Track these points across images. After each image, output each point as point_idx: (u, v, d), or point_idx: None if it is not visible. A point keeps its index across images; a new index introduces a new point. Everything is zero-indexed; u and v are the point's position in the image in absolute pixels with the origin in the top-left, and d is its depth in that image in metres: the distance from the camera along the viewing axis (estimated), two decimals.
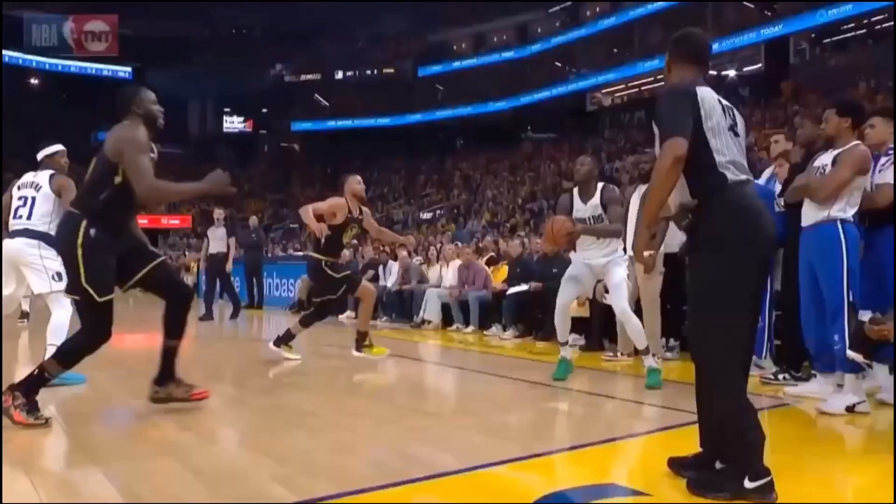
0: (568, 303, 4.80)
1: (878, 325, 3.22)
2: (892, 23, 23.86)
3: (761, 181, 4.83)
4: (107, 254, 3.27)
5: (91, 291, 3.21)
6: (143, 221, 34.76)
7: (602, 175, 10.15)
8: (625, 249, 4.89)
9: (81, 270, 3.19)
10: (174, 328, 3.61)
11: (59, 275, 4.23)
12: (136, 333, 7.87)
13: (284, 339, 5.72)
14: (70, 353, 3.34)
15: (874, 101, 18.28)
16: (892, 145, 3.83)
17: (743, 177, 2.29)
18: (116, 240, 3.32)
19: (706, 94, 2.31)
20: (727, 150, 2.28)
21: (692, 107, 2.26)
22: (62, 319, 4.34)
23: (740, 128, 2.41)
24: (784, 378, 4.37)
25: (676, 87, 2.35)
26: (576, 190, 4.79)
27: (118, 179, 3.28)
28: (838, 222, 3.60)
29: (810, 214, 3.73)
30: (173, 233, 34.03)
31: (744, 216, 2.24)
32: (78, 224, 3.22)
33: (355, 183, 5.53)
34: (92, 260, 3.21)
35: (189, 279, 16.81)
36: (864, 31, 24.58)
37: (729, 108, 2.38)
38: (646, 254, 2.48)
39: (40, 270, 4.36)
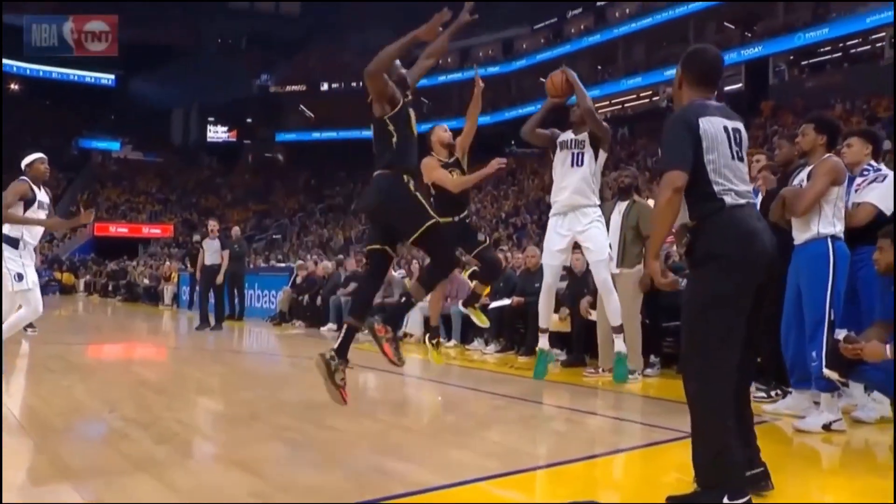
0: (554, 283, 4.76)
1: (851, 344, 3.26)
2: (867, 47, 24.51)
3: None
4: None
5: (437, 219, 3.45)
6: (122, 230, 34.46)
7: None
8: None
9: (426, 206, 3.48)
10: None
11: (19, 276, 4.55)
12: (113, 343, 7.75)
13: (471, 301, 5.09)
14: (431, 281, 3.62)
15: (849, 122, 18.71)
16: (867, 166, 3.90)
17: (742, 201, 2.33)
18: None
19: (710, 125, 2.34)
20: (727, 181, 2.32)
21: (693, 139, 2.31)
22: (24, 316, 4.65)
23: (744, 148, 2.44)
24: (776, 394, 4.33)
25: (680, 118, 2.38)
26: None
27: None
28: (828, 239, 3.60)
29: (800, 233, 3.73)
30: (154, 242, 33.65)
31: (740, 237, 2.28)
32: (402, 178, 3.50)
33: (441, 131, 5.19)
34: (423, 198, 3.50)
35: (169, 289, 16.63)
36: (840, 54, 25.16)
37: (735, 131, 2.40)
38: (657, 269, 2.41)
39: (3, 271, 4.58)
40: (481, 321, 5.15)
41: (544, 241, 4.81)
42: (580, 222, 4.63)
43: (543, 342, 4.78)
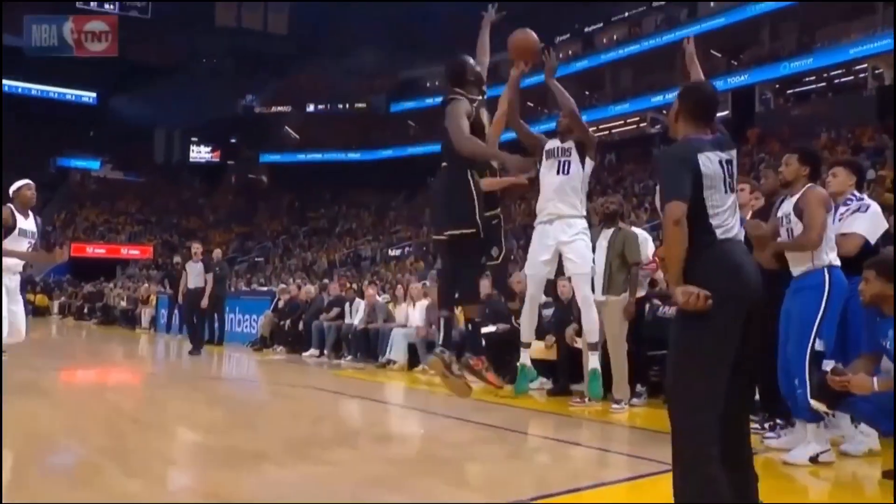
0: (537, 294, 4.69)
1: (838, 375, 3.28)
2: (850, 78, 25.12)
3: None
4: None
5: (481, 225, 3.46)
6: (100, 251, 34.10)
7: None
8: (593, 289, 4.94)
9: (477, 207, 3.47)
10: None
11: None
12: (87, 369, 7.62)
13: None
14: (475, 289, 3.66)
15: (834, 151, 19.08)
16: (850, 195, 3.97)
17: (731, 234, 2.40)
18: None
19: (708, 162, 2.40)
20: (719, 214, 2.39)
21: (692, 174, 2.37)
22: None
23: (735, 177, 2.51)
24: (768, 425, 4.30)
25: (678, 154, 2.44)
26: None
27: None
28: (825, 269, 3.61)
29: (797, 265, 3.72)
30: (133, 263, 33.31)
31: (728, 271, 2.33)
32: (466, 171, 3.51)
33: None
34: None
35: (147, 312, 16.43)
36: (825, 83, 25.75)
37: (728, 163, 2.46)
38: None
39: None
40: None
41: (529, 252, 4.75)
42: (566, 233, 4.55)
43: (525, 357, 4.69)
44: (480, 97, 3.73)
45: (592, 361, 4.51)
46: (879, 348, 3.41)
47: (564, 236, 4.52)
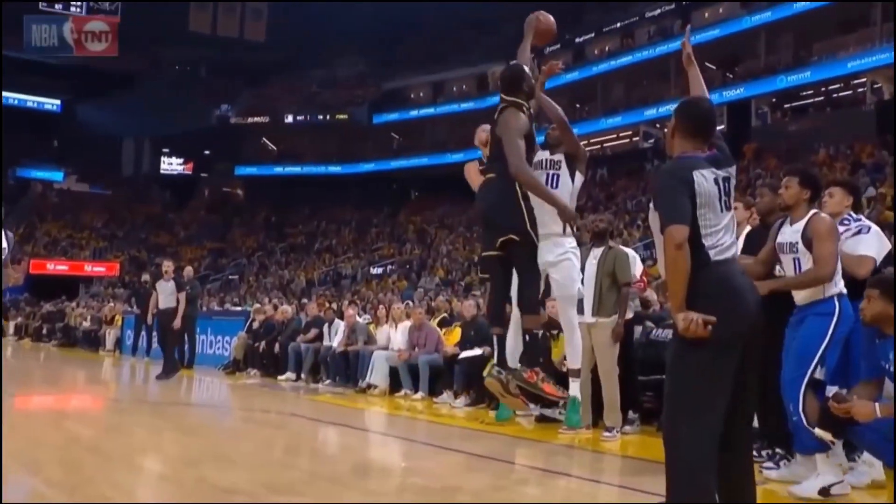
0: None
1: (840, 402, 3.29)
2: (848, 92, 25.61)
3: None
4: None
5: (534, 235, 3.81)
6: (62, 267, 33.68)
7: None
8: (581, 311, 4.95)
9: (527, 216, 3.82)
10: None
11: None
12: (44, 395, 7.50)
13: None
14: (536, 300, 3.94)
15: (833, 168, 19.39)
16: (847, 216, 4.02)
17: (727, 255, 2.43)
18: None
19: (703, 180, 2.43)
20: (716, 236, 2.42)
21: (689, 192, 2.41)
22: None
23: (733, 195, 2.55)
24: (767, 454, 4.28)
25: (674, 172, 2.49)
26: None
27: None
28: (835, 298, 3.62)
29: (804, 293, 3.71)
30: (97, 281, 32.94)
31: (725, 294, 2.37)
32: (514, 183, 3.82)
33: (480, 132, 4.94)
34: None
35: (112, 333, 16.22)
36: (823, 98, 26.21)
37: (725, 180, 2.51)
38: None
39: None
40: None
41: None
42: (552, 252, 4.44)
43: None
44: (530, 110, 4.03)
45: (573, 389, 4.46)
46: (880, 371, 3.44)
47: (551, 256, 4.45)
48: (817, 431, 3.43)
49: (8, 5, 22.08)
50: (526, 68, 4.11)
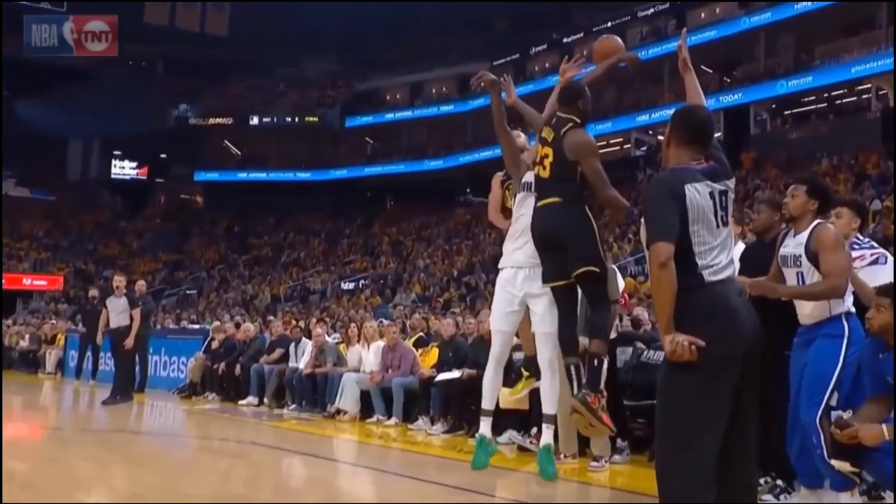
0: (503, 354, 4.41)
1: (843, 428, 3.30)
2: (853, 98, 26.10)
3: None
4: None
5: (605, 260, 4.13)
6: None
7: None
8: None
9: (600, 244, 4.13)
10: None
11: None
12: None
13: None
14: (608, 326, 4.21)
15: (836, 179, 19.68)
16: (856, 238, 4.09)
17: (723, 276, 2.48)
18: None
19: (696, 194, 2.48)
20: (709, 254, 2.47)
21: (679, 207, 2.46)
22: None
23: (730, 210, 2.60)
24: (766, 482, 4.30)
25: (665, 185, 2.54)
26: None
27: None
28: (843, 317, 3.65)
29: (810, 311, 3.73)
30: (38, 296, 32.45)
31: (719, 315, 2.41)
32: (585, 209, 4.12)
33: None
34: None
35: (54, 354, 15.98)
36: (825, 104, 26.65)
37: (721, 194, 2.56)
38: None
39: None
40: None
41: (493, 302, 4.53)
42: (536, 284, 4.28)
43: (485, 428, 4.34)
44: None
45: (545, 436, 4.20)
46: (885, 387, 3.43)
47: (535, 288, 4.27)
48: (835, 464, 3.41)
49: None
50: (587, 89, 4.43)
